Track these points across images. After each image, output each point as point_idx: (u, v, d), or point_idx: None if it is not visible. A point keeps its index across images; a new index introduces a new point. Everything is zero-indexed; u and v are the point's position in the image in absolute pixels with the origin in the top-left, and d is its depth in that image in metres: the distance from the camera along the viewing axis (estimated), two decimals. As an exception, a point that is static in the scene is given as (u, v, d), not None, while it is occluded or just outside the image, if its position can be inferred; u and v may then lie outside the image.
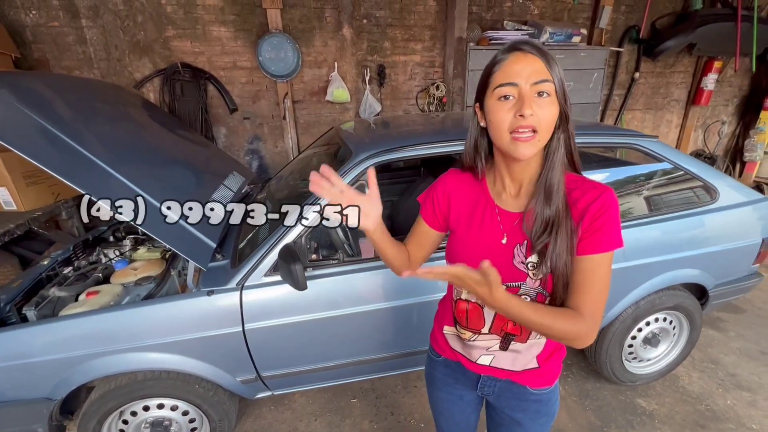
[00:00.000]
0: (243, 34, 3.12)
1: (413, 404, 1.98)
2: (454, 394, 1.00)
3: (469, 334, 0.87)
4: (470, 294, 0.78)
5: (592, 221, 0.70)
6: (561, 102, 0.69)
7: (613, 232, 0.71)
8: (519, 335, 0.82)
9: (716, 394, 1.99)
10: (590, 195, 0.72)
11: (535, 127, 0.67)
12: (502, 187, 0.80)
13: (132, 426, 1.53)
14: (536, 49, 0.67)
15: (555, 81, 0.67)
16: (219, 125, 3.34)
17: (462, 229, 0.84)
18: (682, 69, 4.30)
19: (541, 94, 0.67)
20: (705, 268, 1.81)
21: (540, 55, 0.67)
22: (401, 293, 1.52)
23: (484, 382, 0.92)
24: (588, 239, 0.71)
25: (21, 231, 2.28)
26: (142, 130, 1.96)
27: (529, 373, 0.87)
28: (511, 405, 0.91)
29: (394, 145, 1.53)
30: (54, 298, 1.56)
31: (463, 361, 0.93)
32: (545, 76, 0.66)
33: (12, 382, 1.34)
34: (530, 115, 0.66)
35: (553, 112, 0.68)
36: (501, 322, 0.82)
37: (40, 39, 2.82)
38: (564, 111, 0.70)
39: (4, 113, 1.26)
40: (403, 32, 3.44)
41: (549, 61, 0.67)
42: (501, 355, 0.86)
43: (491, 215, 0.80)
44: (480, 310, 0.84)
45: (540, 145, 0.69)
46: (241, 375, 1.52)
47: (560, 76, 0.68)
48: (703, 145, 4.75)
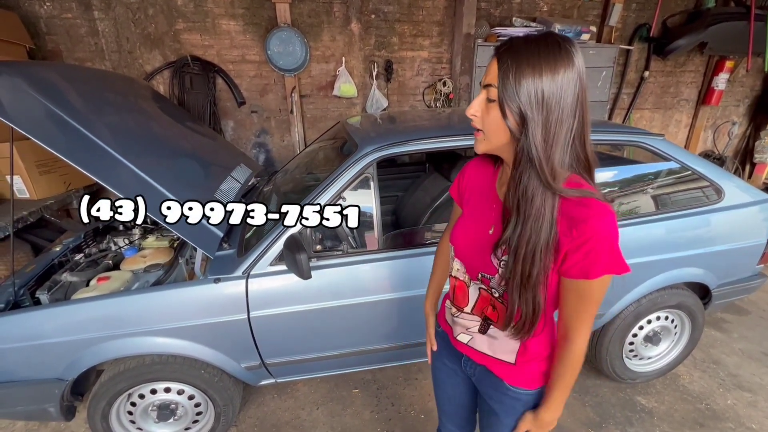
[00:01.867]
0: (252, 28, 3.15)
1: (414, 396, 2.00)
2: (448, 366, 1.04)
3: (455, 309, 0.92)
4: (458, 273, 0.87)
5: (582, 243, 0.66)
6: (507, 109, 0.65)
7: (605, 259, 0.67)
8: (496, 321, 0.82)
9: (717, 394, 1.99)
10: (584, 211, 0.67)
11: (478, 128, 0.73)
12: (505, 178, 0.81)
13: (140, 408, 1.58)
14: (501, 52, 0.66)
15: (500, 87, 0.65)
16: (227, 118, 3.38)
17: (467, 213, 0.88)
18: (693, 68, 4.25)
19: (489, 99, 0.69)
20: (708, 268, 1.80)
21: (499, 59, 0.66)
22: (404, 285, 1.54)
23: (465, 362, 0.96)
24: (576, 262, 0.68)
25: (34, 218, 2.34)
26: (153, 121, 1.99)
27: (504, 365, 0.86)
28: (489, 393, 0.93)
29: (399, 139, 1.55)
30: (66, 283, 1.61)
31: (450, 334, 0.98)
32: (491, 81, 0.67)
33: (25, 363, 1.38)
34: (473, 116, 0.72)
35: (493, 118, 0.69)
36: (483, 305, 0.84)
37: (54, 30, 2.87)
38: (516, 117, 0.65)
39: (20, 101, 1.30)
40: (411, 28, 3.44)
41: (506, 66, 0.64)
42: (479, 338, 0.88)
43: (489, 204, 0.82)
44: (465, 289, 0.86)
45: (489, 144, 0.73)
46: (245, 361, 1.56)
47: (515, 82, 0.63)
48: (712, 146, 4.70)
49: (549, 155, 0.66)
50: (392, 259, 1.53)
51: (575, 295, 0.72)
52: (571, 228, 0.67)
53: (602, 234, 0.66)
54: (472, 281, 0.84)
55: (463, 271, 0.86)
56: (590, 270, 0.67)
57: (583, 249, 0.67)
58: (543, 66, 0.63)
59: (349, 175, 1.48)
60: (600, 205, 0.67)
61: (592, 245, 0.66)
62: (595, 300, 0.71)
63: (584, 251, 0.67)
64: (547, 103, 0.64)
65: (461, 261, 0.86)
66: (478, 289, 0.83)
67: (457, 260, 0.87)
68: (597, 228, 0.66)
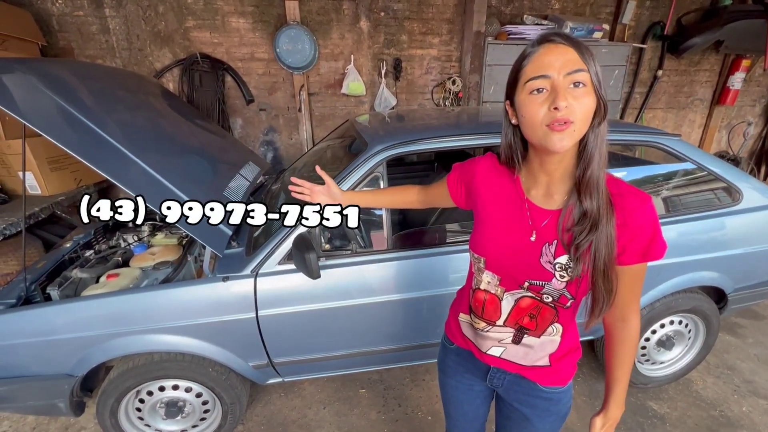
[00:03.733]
0: (261, 26, 3.14)
1: (421, 397, 1.99)
2: (464, 383, 1.00)
3: (483, 324, 0.87)
4: (489, 286, 0.83)
5: (639, 230, 0.71)
6: (598, 93, 0.66)
7: (660, 241, 0.72)
8: (533, 330, 0.82)
9: (731, 401, 1.94)
10: (632, 200, 0.72)
11: (570, 119, 0.64)
12: (535, 184, 0.78)
13: (148, 405, 1.58)
14: (568, 40, 0.65)
15: (590, 71, 0.64)
16: (235, 116, 3.38)
17: (490, 221, 0.83)
18: (708, 67, 4.17)
19: (576, 85, 0.64)
20: (725, 272, 1.76)
21: (572, 45, 0.65)
22: (412, 286, 1.53)
23: (493, 374, 0.92)
24: (636, 248, 0.72)
25: (45, 215, 2.36)
26: (163, 118, 1.99)
27: (540, 370, 0.86)
28: (520, 399, 0.91)
29: (409, 138, 1.53)
30: (76, 279, 1.61)
31: (474, 350, 0.93)
32: (579, 66, 0.64)
33: (36, 358, 1.39)
34: (565, 107, 0.63)
35: (589, 103, 0.65)
36: (517, 316, 0.82)
37: (66, 28, 2.89)
38: (602, 102, 0.67)
39: (33, 98, 1.30)
40: (420, 26, 3.42)
41: (582, 51, 0.65)
42: (512, 349, 0.86)
43: (521, 211, 0.79)
44: (498, 302, 0.83)
45: (576, 136, 0.66)
46: (253, 360, 1.55)
47: (596, 66, 0.66)
48: (726, 147, 4.60)
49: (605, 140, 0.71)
50: (402, 260, 1.51)
51: (632, 278, 0.76)
52: (625, 218, 0.71)
53: (652, 217, 0.71)
54: (507, 292, 0.81)
55: (495, 284, 0.82)
56: (648, 253, 0.72)
57: (641, 235, 0.71)
58: (590, 51, 0.66)
59: (359, 174, 1.47)
60: (636, 190, 0.72)
61: (647, 230, 0.71)
62: (644, 277, 0.78)
63: (641, 237, 0.71)
64: (603, 86, 0.67)
65: (494, 273, 0.82)
66: (514, 300, 0.81)
67: (488, 272, 0.83)
68: (647, 213, 0.71)
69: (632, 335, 0.81)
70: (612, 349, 0.83)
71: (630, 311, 0.80)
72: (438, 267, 1.54)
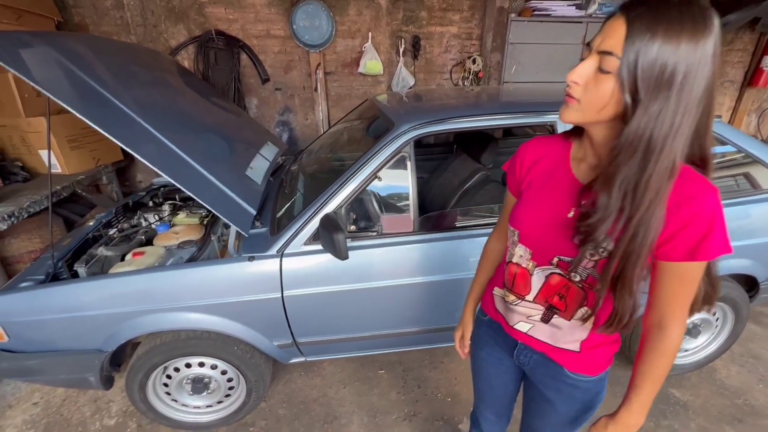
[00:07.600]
0: (277, 1, 3.05)
1: (440, 379, 2.00)
2: (494, 356, 1.00)
3: (513, 297, 0.86)
4: (520, 260, 0.81)
5: (692, 219, 0.61)
6: (626, 87, 0.56)
7: (719, 240, 0.62)
8: (563, 311, 0.79)
9: (756, 390, 1.92)
10: (693, 186, 0.62)
11: (574, 97, 0.62)
12: (583, 155, 0.74)
13: (175, 381, 1.61)
14: (632, 13, 0.55)
15: (625, 60, 0.55)
16: (251, 95, 3.33)
17: (530, 195, 0.81)
18: (741, 47, 3.97)
19: (602, 69, 0.59)
20: (758, 259, 1.70)
21: (630, 22, 0.55)
22: (437, 269, 1.51)
23: (520, 350, 0.91)
24: (682, 243, 0.62)
25: (66, 193, 2.37)
26: (180, 95, 1.96)
27: (568, 353, 0.83)
28: (545, 382, 0.89)
29: (437, 117, 1.48)
30: (102, 257, 1.62)
31: (503, 323, 0.92)
32: (612, 49, 0.56)
33: (66, 333, 1.41)
34: (573, 83, 0.61)
35: (603, 91, 0.59)
36: (546, 293, 0.79)
37: (81, 3, 2.84)
38: (633, 98, 0.56)
39: (54, 71, 1.28)
40: (440, 1, 3.29)
41: (638, 32, 0.54)
42: (540, 327, 0.84)
43: (564, 185, 0.75)
44: (528, 277, 0.81)
45: (581, 117, 0.63)
46: (277, 339, 1.56)
47: (649, 56, 0.54)
48: (756, 131, 4.43)
49: (672, 144, 0.57)
50: (429, 242, 1.49)
51: (675, 279, 0.66)
52: (679, 206, 0.61)
53: (712, 211, 0.61)
54: (538, 267, 0.79)
55: (527, 258, 0.80)
56: (698, 251, 0.62)
57: (693, 226, 0.61)
58: (684, 34, 0.53)
59: (386, 154, 1.43)
60: (705, 180, 0.63)
61: (702, 221, 0.61)
62: (696, 282, 0.66)
63: (694, 229, 0.61)
64: (681, 80, 0.54)
65: (527, 247, 0.80)
66: (544, 276, 0.78)
67: (522, 246, 0.81)
68: (706, 204, 0.61)
69: (667, 346, 0.69)
70: (641, 354, 0.74)
71: (670, 318, 0.69)
72: (465, 249, 1.51)
